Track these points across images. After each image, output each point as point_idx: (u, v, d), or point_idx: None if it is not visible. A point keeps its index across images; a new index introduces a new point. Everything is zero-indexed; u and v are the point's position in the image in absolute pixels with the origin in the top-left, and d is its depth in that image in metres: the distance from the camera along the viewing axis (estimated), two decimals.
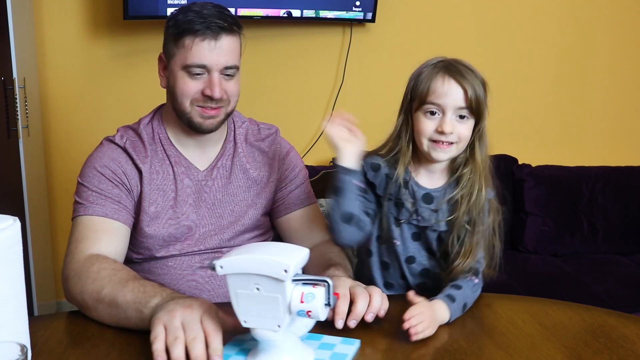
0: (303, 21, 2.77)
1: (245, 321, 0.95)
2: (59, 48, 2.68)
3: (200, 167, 1.40)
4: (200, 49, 1.28)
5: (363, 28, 2.88)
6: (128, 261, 1.39)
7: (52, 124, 2.73)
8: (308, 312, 0.93)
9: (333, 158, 1.26)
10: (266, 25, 2.79)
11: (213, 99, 1.31)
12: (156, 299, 1.04)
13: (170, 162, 1.38)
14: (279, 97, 2.88)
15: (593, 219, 2.77)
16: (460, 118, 1.22)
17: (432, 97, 1.21)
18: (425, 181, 1.29)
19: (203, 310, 0.97)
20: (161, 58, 1.38)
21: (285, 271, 0.90)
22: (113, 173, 1.33)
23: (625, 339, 1.10)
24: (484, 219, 1.26)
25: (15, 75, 2.26)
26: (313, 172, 1.56)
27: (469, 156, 1.27)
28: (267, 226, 1.49)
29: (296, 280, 0.94)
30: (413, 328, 1.05)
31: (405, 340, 1.05)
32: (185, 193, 1.37)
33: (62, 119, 2.74)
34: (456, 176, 1.27)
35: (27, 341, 0.94)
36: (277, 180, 1.46)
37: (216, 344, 0.92)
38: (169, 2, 2.47)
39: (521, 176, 2.80)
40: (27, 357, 0.82)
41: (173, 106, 1.36)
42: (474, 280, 1.23)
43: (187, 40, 1.29)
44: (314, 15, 2.70)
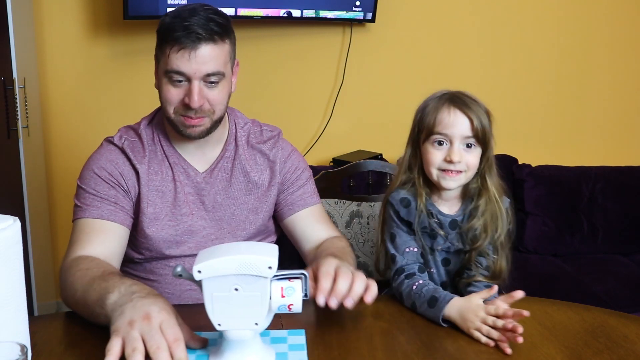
0: (303, 21, 2.76)
1: (219, 324, 0.94)
2: (59, 48, 2.67)
3: (199, 169, 1.39)
4: (178, 57, 1.25)
5: (363, 28, 2.88)
6: (130, 261, 1.39)
7: (52, 124, 2.73)
8: (289, 306, 0.95)
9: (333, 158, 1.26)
10: (266, 25, 2.79)
11: (192, 109, 1.28)
12: (114, 296, 1.02)
13: (169, 163, 1.37)
14: (279, 97, 2.88)
15: (593, 219, 2.77)
16: (467, 147, 1.25)
17: (439, 128, 1.25)
18: (444, 209, 1.31)
19: (162, 318, 0.94)
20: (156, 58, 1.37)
21: (269, 268, 0.91)
22: (110, 174, 1.33)
23: (625, 339, 1.10)
24: (505, 240, 1.31)
25: (15, 75, 2.26)
26: (313, 172, 1.55)
27: (482, 187, 1.29)
28: (271, 230, 1.49)
29: (275, 276, 0.94)
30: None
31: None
32: (184, 194, 1.36)
33: (62, 119, 2.73)
34: (472, 206, 1.29)
35: (27, 341, 0.94)
36: (280, 183, 1.45)
37: (179, 353, 0.90)
38: (169, 2, 2.47)
39: (521, 176, 2.79)
40: (27, 357, 0.82)
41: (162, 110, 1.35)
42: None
43: (166, 47, 1.26)
44: (314, 15, 2.70)
